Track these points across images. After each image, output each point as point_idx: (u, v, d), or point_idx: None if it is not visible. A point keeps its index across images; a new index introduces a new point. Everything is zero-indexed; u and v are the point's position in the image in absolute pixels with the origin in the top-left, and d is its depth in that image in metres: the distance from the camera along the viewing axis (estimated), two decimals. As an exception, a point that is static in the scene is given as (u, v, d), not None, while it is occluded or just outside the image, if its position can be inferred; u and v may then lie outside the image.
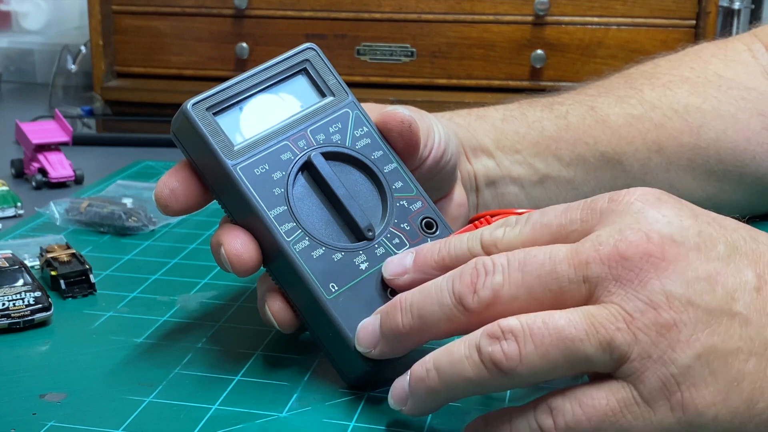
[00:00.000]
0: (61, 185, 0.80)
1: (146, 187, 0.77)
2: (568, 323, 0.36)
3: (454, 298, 0.39)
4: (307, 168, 0.46)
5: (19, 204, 0.72)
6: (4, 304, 0.51)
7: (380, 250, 0.46)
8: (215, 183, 0.45)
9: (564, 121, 0.62)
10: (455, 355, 0.38)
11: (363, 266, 0.45)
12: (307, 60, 0.49)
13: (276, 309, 0.46)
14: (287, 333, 0.47)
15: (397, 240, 0.46)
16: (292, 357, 0.48)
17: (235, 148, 0.45)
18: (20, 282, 0.53)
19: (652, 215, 0.38)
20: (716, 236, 0.38)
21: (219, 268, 0.56)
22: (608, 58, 0.96)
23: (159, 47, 1.06)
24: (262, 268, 0.46)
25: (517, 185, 0.61)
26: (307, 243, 0.44)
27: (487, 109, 0.63)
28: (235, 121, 0.46)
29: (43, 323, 0.52)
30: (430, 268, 0.42)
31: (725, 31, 1.03)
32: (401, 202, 0.47)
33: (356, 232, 0.46)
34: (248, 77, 0.47)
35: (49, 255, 0.58)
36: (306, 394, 0.45)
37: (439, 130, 0.54)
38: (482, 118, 0.61)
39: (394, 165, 0.48)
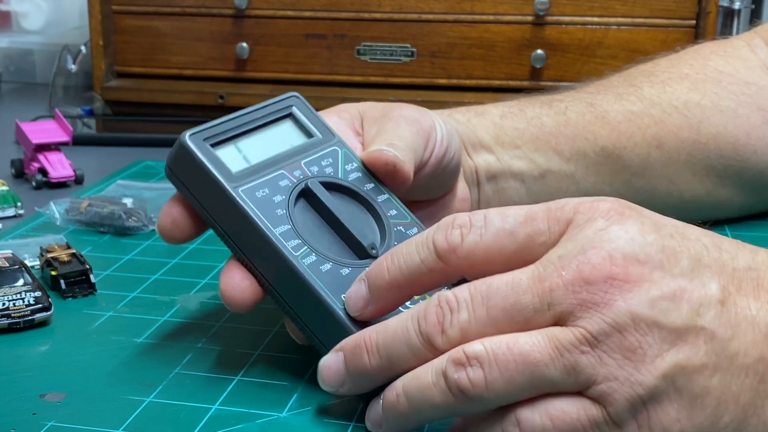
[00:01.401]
0: (61, 185, 0.80)
1: (146, 187, 0.77)
2: (532, 348, 0.36)
3: (422, 338, 0.39)
4: (305, 195, 0.46)
5: (19, 204, 0.72)
6: (4, 304, 0.51)
7: None
8: (216, 211, 0.45)
9: (563, 116, 0.62)
10: (422, 381, 0.38)
11: None
12: (291, 106, 0.50)
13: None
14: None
15: None
16: (292, 357, 0.48)
17: (234, 174, 0.45)
18: (20, 282, 0.53)
19: (614, 232, 0.37)
20: (679, 250, 0.37)
21: (219, 268, 0.56)
22: (608, 58, 0.96)
23: (159, 47, 1.06)
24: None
25: (518, 180, 0.61)
26: (314, 258, 0.44)
27: (485, 107, 0.63)
28: (231, 153, 0.47)
29: (43, 323, 0.52)
30: (386, 292, 0.41)
31: (725, 31, 1.03)
32: (398, 227, 0.48)
33: (359, 252, 0.46)
34: (237, 116, 0.48)
35: (50, 255, 0.58)
36: (306, 394, 0.45)
37: (441, 127, 0.54)
38: (481, 115, 0.61)
39: (386, 196, 0.49)
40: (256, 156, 0.47)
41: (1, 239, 0.64)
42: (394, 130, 0.51)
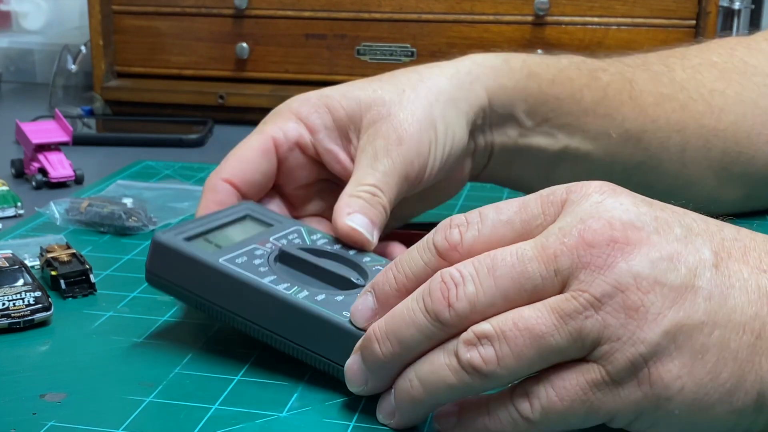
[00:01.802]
0: (61, 185, 0.80)
1: (146, 187, 0.77)
2: (537, 321, 0.37)
3: (430, 316, 0.39)
4: (281, 258, 0.49)
5: (19, 204, 0.72)
6: (4, 304, 0.51)
7: None
8: (203, 289, 0.47)
9: (602, 93, 0.63)
10: (435, 364, 0.39)
11: None
12: (247, 209, 0.53)
13: None
14: None
15: None
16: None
17: (211, 253, 0.48)
18: (20, 282, 0.53)
19: (610, 203, 0.39)
20: (671, 220, 0.39)
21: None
22: (608, 58, 0.96)
23: (159, 47, 1.06)
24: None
25: (531, 159, 0.62)
26: (307, 293, 0.46)
27: (541, 64, 0.62)
28: (202, 243, 0.49)
29: (43, 323, 0.52)
30: (394, 299, 0.42)
31: (725, 31, 1.03)
32: (376, 267, 0.50)
33: (346, 284, 0.47)
34: (199, 219, 0.51)
35: (50, 255, 0.58)
36: (306, 394, 0.45)
37: (436, 151, 0.55)
38: (532, 77, 0.61)
39: (355, 251, 0.51)
40: (226, 242, 0.49)
41: (1, 239, 0.64)
42: (380, 168, 0.53)
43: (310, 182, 0.59)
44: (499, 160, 0.62)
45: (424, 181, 0.56)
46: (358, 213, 0.52)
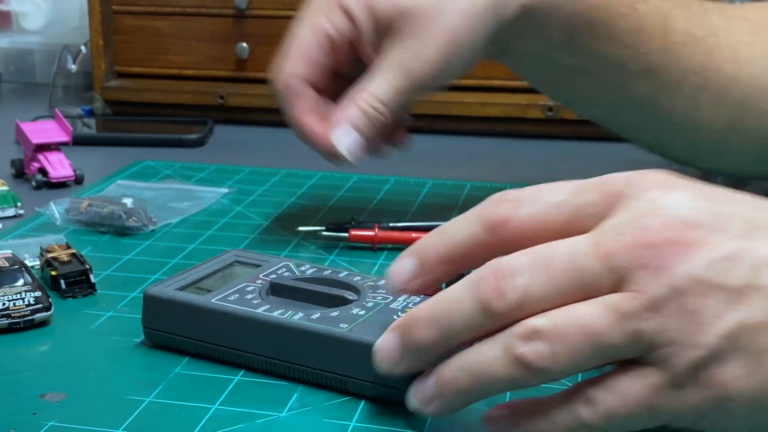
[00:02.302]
0: (61, 185, 0.80)
1: (146, 187, 0.77)
2: (593, 318, 0.36)
3: (479, 305, 0.38)
4: (273, 290, 0.49)
5: (19, 204, 0.72)
6: (4, 304, 0.51)
7: (370, 303, 0.47)
8: (199, 331, 0.47)
9: (635, 24, 0.63)
10: (485, 356, 0.38)
11: (361, 313, 0.46)
12: (235, 255, 0.54)
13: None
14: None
15: (380, 295, 0.48)
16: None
17: (204, 297, 0.48)
18: (20, 282, 0.53)
19: (667, 200, 0.38)
20: (733, 214, 0.38)
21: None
22: (608, 58, 0.95)
23: (159, 47, 1.06)
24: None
25: (543, 65, 0.63)
26: (302, 314, 0.46)
27: None
28: (193, 291, 0.49)
29: (43, 323, 0.52)
30: (437, 264, 0.41)
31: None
32: (367, 283, 0.50)
33: (339, 302, 0.47)
34: (187, 271, 0.51)
35: (50, 255, 0.58)
36: (306, 394, 0.45)
37: (455, 67, 0.58)
38: None
39: (345, 272, 0.51)
40: (216, 286, 0.50)
41: (1, 239, 0.64)
42: (389, 77, 0.55)
43: (352, 78, 0.59)
44: (510, 59, 0.62)
45: (434, 89, 0.56)
46: (347, 124, 0.52)
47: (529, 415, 0.39)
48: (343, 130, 0.56)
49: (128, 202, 0.69)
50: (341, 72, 0.59)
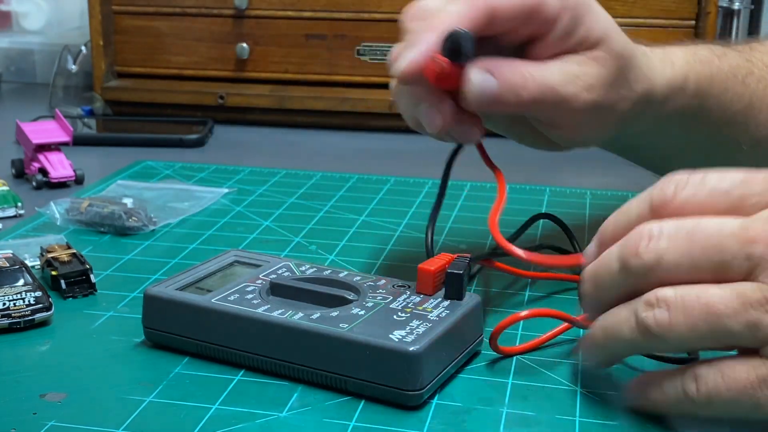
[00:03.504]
0: (61, 185, 0.80)
1: (146, 187, 0.77)
2: (719, 299, 0.38)
3: (620, 263, 0.40)
4: (273, 290, 0.49)
5: (19, 204, 0.72)
6: (4, 304, 0.51)
7: (370, 303, 0.47)
8: (201, 332, 0.47)
9: (747, 101, 0.60)
10: (618, 317, 0.41)
11: (361, 313, 0.46)
12: (234, 255, 0.54)
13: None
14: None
15: (380, 295, 0.48)
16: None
17: (204, 297, 0.48)
18: (21, 282, 0.53)
19: None
20: None
21: (219, 268, 0.56)
22: (608, 58, 0.95)
23: (159, 47, 1.06)
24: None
25: (665, 125, 0.59)
26: (302, 314, 0.46)
27: (717, 60, 0.59)
28: (193, 291, 0.50)
29: (43, 323, 0.52)
30: (611, 242, 0.43)
31: (725, 31, 1.03)
32: (367, 283, 0.50)
33: (339, 302, 0.48)
34: (188, 270, 0.52)
35: (50, 255, 0.58)
36: (306, 394, 0.45)
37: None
38: (707, 64, 0.58)
39: (345, 272, 0.52)
40: (216, 287, 0.50)
41: (1, 239, 0.64)
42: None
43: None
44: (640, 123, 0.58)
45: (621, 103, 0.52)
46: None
47: (648, 386, 0.41)
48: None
49: (128, 202, 0.70)
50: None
